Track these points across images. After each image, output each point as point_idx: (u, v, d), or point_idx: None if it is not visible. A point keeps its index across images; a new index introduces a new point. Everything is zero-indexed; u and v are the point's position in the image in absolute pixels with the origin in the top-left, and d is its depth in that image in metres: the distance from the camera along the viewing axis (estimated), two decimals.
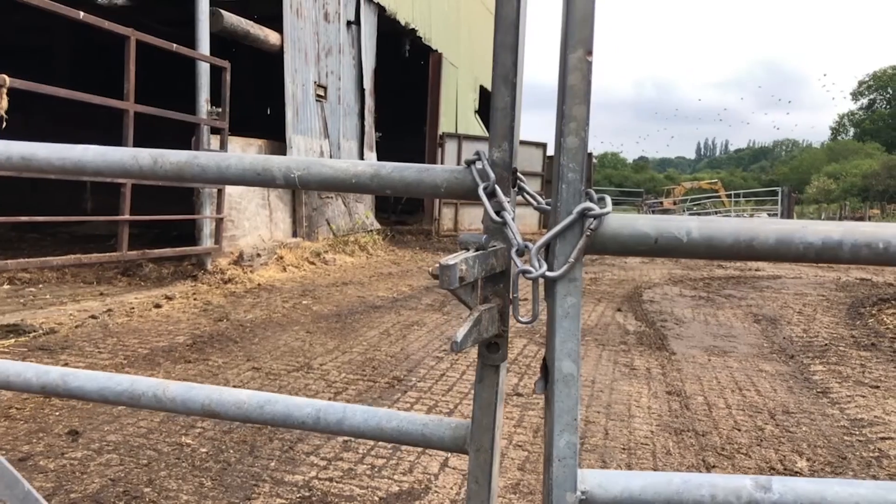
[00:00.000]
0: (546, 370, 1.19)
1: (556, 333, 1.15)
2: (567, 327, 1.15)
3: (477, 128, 24.57)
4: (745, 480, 1.13)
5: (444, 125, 20.40)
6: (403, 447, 3.83)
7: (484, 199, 1.23)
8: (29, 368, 1.57)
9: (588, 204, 1.12)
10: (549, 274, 1.13)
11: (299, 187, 1.39)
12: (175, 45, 8.57)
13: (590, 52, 1.08)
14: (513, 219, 1.21)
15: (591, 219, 1.11)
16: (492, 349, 1.28)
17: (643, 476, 1.16)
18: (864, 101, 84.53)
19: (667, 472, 1.16)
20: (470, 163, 1.28)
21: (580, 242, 1.12)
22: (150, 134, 9.99)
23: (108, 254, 7.93)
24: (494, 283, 1.28)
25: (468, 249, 1.18)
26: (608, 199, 1.13)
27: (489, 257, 1.20)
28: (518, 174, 1.30)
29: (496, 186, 1.23)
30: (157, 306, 7.49)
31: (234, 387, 4.81)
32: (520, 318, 1.21)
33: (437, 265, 1.08)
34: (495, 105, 1.25)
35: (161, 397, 1.50)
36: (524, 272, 1.12)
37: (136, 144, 7.85)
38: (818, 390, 5.32)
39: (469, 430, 1.33)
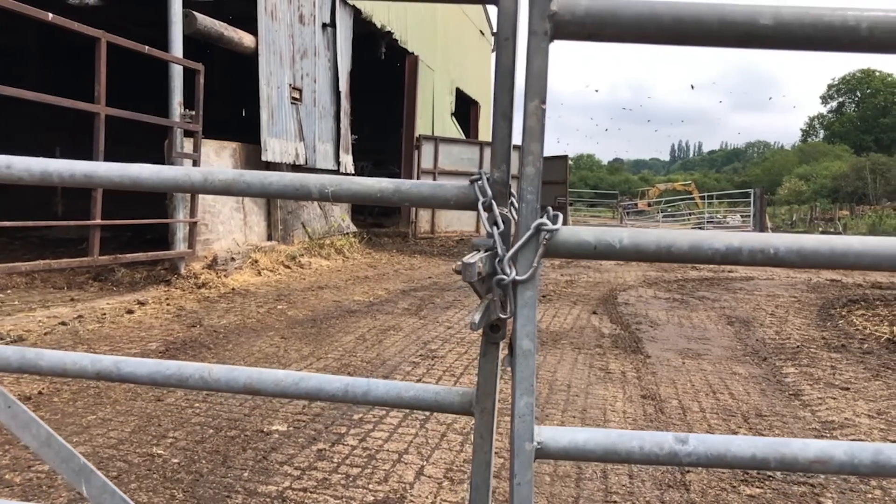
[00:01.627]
0: (512, 348, 1.45)
1: (518, 319, 1.40)
2: (526, 314, 1.40)
3: (454, 130, 24.58)
4: (667, 436, 1.40)
5: (421, 127, 20.38)
6: (378, 456, 3.80)
7: (482, 213, 1.46)
8: (84, 357, 1.72)
9: (542, 220, 1.37)
10: (518, 278, 1.38)
11: (332, 200, 1.58)
12: (147, 47, 8.47)
13: (543, 102, 1.34)
14: (503, 229, 1.42)
15: (546, 233, 1.37)
16: (494, 330, 1.49)
17: (586, 431, 1.43)
18: (834, 104, 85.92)
19: (606, 429, 1.49)
20: (474, 181, 1.49)
21: (539, 251, 1.38)
22: (123, 137, 9.87)
23: (79, 258, 7.80)
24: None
25: (479, 251, 1.42)
26: (560, 217, 1.40)
27: (495, 257, 1.43)
28: (511, 191, 1.51)
29: (493, 202, 1.45)
30: (130, 312, 7.39)
31: (207, 395, 4.75)
32: (501, 314, 1.41)
33: (461, 262, 1.32)
34: (496, 135, 1.46)
35: (207, 378, 1.66)
36: (498, 281, 1.37)
37: (109, 147, 7.74)
38: (790, 392, 5.38)
39: (474, 395, 1.57)
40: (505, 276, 1.37)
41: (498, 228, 1.43)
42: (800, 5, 1.26)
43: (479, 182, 1.50)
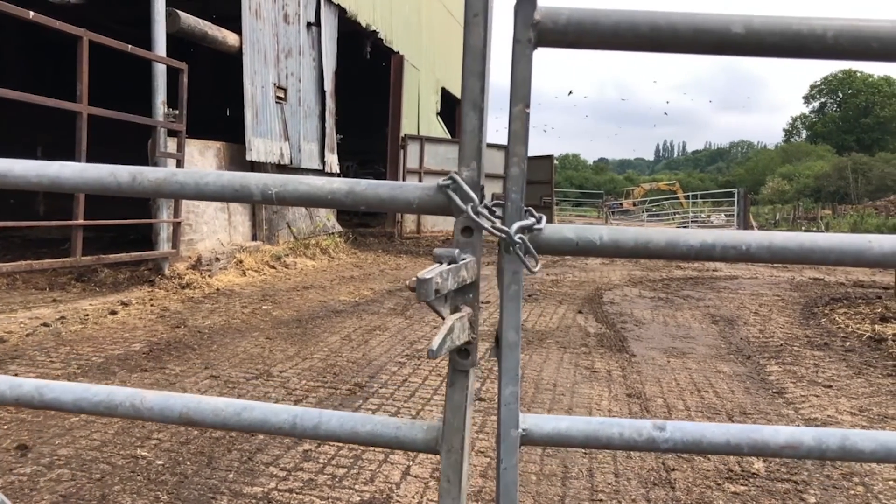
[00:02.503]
0: (498, 341, 1.45)
1: (504, 312, 1.41)
2: (511, 308, 1.41)
3: (439, 129, 24.58)
4: (646, 423, 1.45)
5: (407, 127, 20.36)
6: (364, 456, 3.79)
7: (486, 224, 1.37)
8: (2, 381, 1.59)
9: (531, 221, 1.37)
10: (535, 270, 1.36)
11: (276, 203, 1.46)
12: (130, 46, 8.40)
13: (527, 106, 1.35)
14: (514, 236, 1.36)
15: (527, 233, 1.37)
16: (462, 355, 1.41)
17: (569, 419, 1.46)
18: (816, 104, 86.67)
19: (587, 417, 1.49)
20: (444, 186, 1.38)
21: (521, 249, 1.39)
22: (106, 136, 9.79)
23: (61, 259, 7.73)
24: (464, 294, 1.41)
25: (442, 263, 1.30)
26: (543, 218, 1.39)
27: (461, 270, 1.32)
28: (485, 192, 1.43)
29: (477, 208, 1.37)
30: (113, 313, 7.33)
31: None
32: (471, 334, 1.39)
33: (415, 278, 1.19)
34: (465, 128, 1.38)
35: (139, 407, 1.53)
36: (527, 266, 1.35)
37: (91, 147, 7.67)
38: (774, 390, 5.42)
39: (440, 431, 1.45)
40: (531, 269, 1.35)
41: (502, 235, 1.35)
42: (769, 14, 1.29)
43: (452, 185, 1.39)
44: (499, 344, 1.45)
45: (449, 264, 1.30)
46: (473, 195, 1.37)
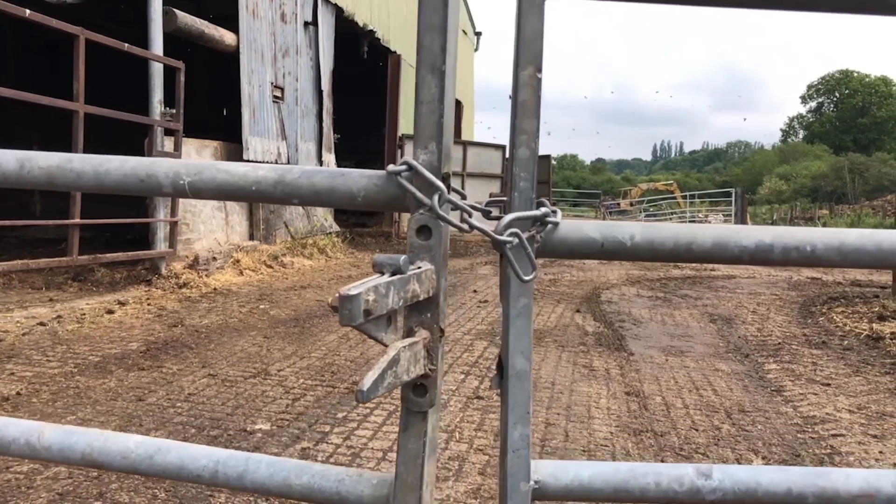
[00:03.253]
0: (501, 367, 1.20)
1: (510, 332, 1.18)
2: (519, 326, 1.18)
3: None
4: (687, 469, 1.20)
5: (404, 126, 20.35)
6: (363, 454, 3.78)
7: (454, 220, 1.12)
8: None
9: (546, 210, 1.13)
10: (525, 278, 1.13)
11: (190, 195, 1.22)
12: (127, 44, 8.38)
13: (539, 70, 1.12)
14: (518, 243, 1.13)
15: (541, 226, 1.13)
16: (418, 392, 1.13)
17: (592, 465, 1.21)
18: (813, 104, 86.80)
19: (615, 462, 1.26)
20: (396, 173, 1.12)
21: (532, 250, 1.14)
22: (102, 136, 9.76)
23: (57, 258, 7.71)
24: (420, 313, 1.13)
25: (383, 273, 1.03)
26: (559, 211, 1.16)
27: (409, 282, 1.05)
28: (451, 182, 1.17)
29: (435, 199, 1.10)
30: (110, 312, 7.31)
31: (190, 395, 4.71)
32: (429, 366, 1.14)
33: (337, 294, 0.92)
34: (420, 98, 1.12)
35: (35, 445, 1.31)
36: (506, 243, 1.09)
37: (87, 146, 7.64)
38: (772, 389, 5.42)
39: (392, 487, 1.18)
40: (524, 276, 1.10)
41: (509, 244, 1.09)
42: None
43: (407, 171, 1.12)
44: (502, 373, 1.19)
45: (392, 275, 1.02)
46: (438, 182, 1.10)
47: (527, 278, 1.11)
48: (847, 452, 4.09)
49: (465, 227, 1.13)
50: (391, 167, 1.13)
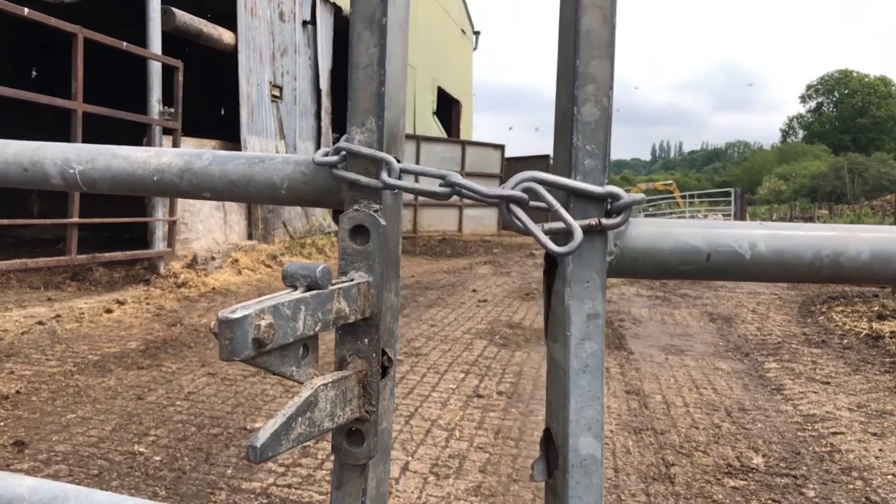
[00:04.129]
0: (549, 447, 0.84)
1: (571, 396, 0.79)
2: (586, 387, 0.79)
3: (435, 129, 24.58)
4: None
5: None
6: None
7: (414, 186, 0.83)
8: None
9: (612, 188, 0.77)
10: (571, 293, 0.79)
11: (83, 188, 1.02)
12: (125, 43, 8.37)
13: None
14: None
15: (615, 215, 0.78)
16: (353, 440, 0.87)
17: None
18: (812, 104, 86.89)
19: None
20: (325, 164, 0.88)
21: (604, 265, 0.79)
22: (101, 135, 9.74)
23: (56, 258, 7.70)
24: (355, 339, 0.87)
25: (295, 287, 0.77)
26: (642, 200, 0.83)
27: (331, 300, 0.79)
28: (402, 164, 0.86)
29: (385, 173, 0.84)
30: (108, 311, 7.29)
31: (189, 393, 4.70)
32: (365, 408, 0.86)
33: (216, 319, 0.67)
34: (355, 61, 0.87)
35: None
36: (511, 199, 0.75)
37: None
38: (772, 387, 5.41)
39: None
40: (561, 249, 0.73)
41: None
42: None
43: (336, 157, 0.87)
44: (553, 458, 0.83)
45: (306, 290, 0.77)
46: (381, 155, 0.84)
47: (560, 250, 0.72)
48: (847, 450, 4.09)
49: (442, 189, 0.82)
50: (318, 156, 0.88)
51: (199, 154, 0.99)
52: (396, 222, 0.92)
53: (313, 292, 0.77)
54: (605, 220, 0.76)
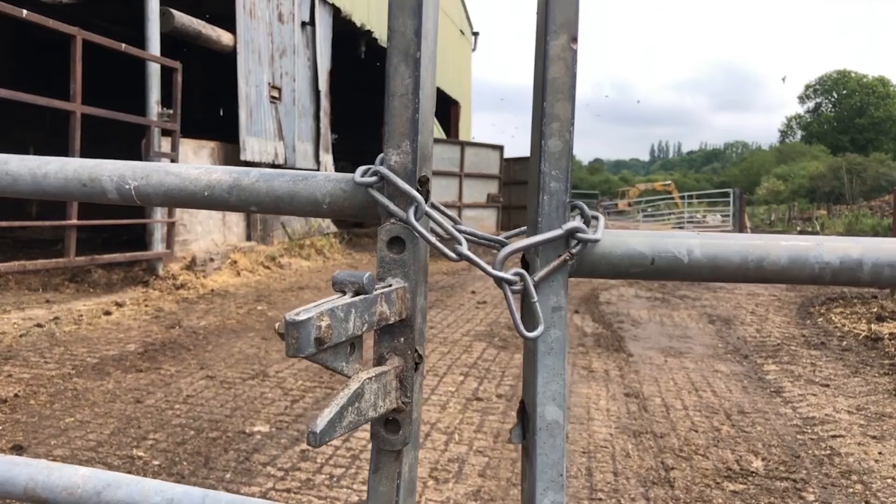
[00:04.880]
0: (524, 415, 1.00)
1: (539, 373, 0.95)
2: (551, 365, 0.95)
3: (434, 130, 24.57)
4: None
5: None
6: (362, 456, 3.77)
7: (423, 233, 0.94)
8: None
9: (577, 224, 0.93)
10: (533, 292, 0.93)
11: (137, 202, 1.11)
12: (124, 44, 8.36)
13: (574, 39, 0.93)
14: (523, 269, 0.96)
15: (576, 245, 0.93)
16: (390, 429, 0.98)
17: None
18: (811, 104, 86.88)
19: None
20: (364, 185, 0.98)
21: (566, 271, 0.95)
22: (99, 136, 9.75)
23: (54, 259, 7.68)
24: (392, 338, 0.99)
25: (344, 293, 0.88)
26: (602, 220, 0.97)
27: (375, 304, 0.90)
28: (430, 188, 1.01)
29: (411, 212, 0.94)
30: (107, 313, 7.28)
31: (188, 396, 4.69)
32: (401, 400, 0.98)
33: (283, 319, 0.78)
34: (392, 90, 0.98)
35: None
36: (506, 281, 0.91)
37: (84, 147, 7.62)
38: (771, 390, 5.41)
39: None
40: (513, 279, 0.92)
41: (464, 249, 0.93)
42: None
43: (373, 178, 0.97)
44: (526, 425, 1.00)
45: (355, 295, 0.87)
46: (412, 192, 0.95)
47: (530, 335, 0.90)
48: (846, 453, 4.09)
49: (452, 254, 0.94)
50: (358, 177, 0.98)
51: (246, 171, 1.08)
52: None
53: (361, 297, 0.87)
54: (573, 251, 0.94)
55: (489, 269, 0.91)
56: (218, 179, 1.07)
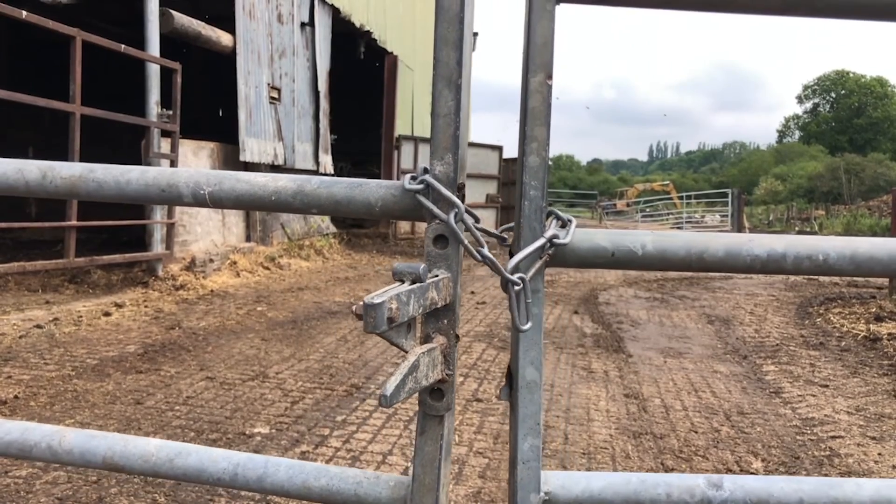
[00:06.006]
0: (510, 377, 1.20)
1: (520, 342, 1.17)
2: (530, 336, 1.17)
3: None
4: (698, 479, 1.21)
5: (401, 127, 20.34)
6: (363, 458, 3.77)
7: (460, 235, 1.14)
8: None
9: (554, 231, 1.14)
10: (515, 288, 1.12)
11: (210, 205, 1.25)
12: (123, 45, 8.35)
13: (550, 76, 1.12)
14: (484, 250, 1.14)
15: (551, 247, 1.14)
16: (435, 396, 1.16)
17: (603, 476, 1.22)
18: (809, 104, 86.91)
19: (625, 473, 1.24)
20: (413, 191, 1.16)
21: (540, 262, 1.16)
22: (98, 138, 9.74)
23: (53, 261, 7.68)
24: (437, 320, 1.17)
25: (403, 281, 1.06)
26: (573, 224, 1.18)
27: (428, 290, 1.08)
28: (465, 192, 1.21)
29: (452, 216, 1.14)
30: (107, 314, 7.28)
31: (188, 398, 4.69)
32: (446, 371, 1.15)
33: (362, 302, 0.96)
34: (437, 111, 1.16)
35: (56, 448, 1.34)
36: (513, 283, 1.10)
37: (83, 148, 7.62)
38: (771, 390, 5.42)
39: (409, 489, 1.21)
40: (519, 283, 1.10)
41: (485, 250, 1.13)
42: None
43: (425, 188, 1.15)
44: (512, 384, 1.20)
45: (412, 283, 1.05)
46: (454, 198, 1.13)
47: (524, 328, 1.11)
48: (846, 454, 4.09)
49: (477, 255, 1.13)
50: (407, 184, 1.15)
51: (308, 179, 1.25)
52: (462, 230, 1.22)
53: (418, 285, 1.06)
54: (549, 253, 1.16)
55: (504, 272, 1.09)
56: (284, 186, 1.23)
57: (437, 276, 1.13)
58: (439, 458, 1.19)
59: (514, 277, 1.09)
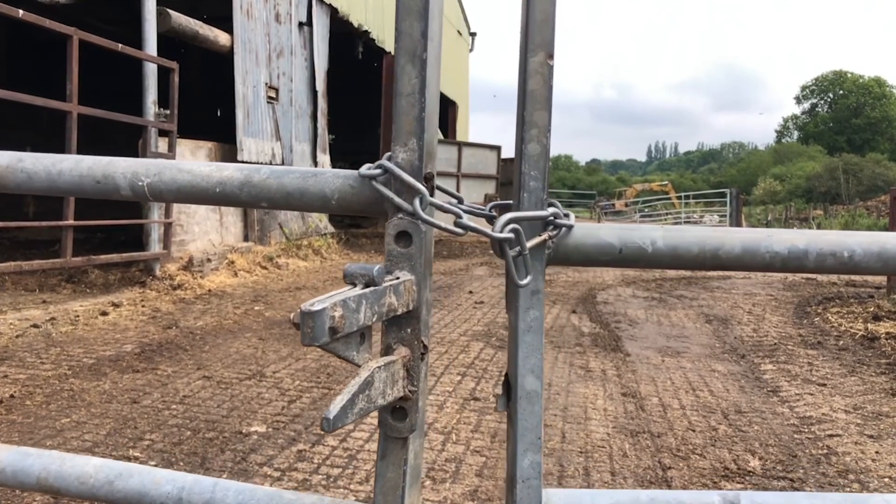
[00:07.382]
0: (508, 386, 1.11)
1: (519, 348, 1.07)
2: (530, 342, 1.07)
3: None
4: (713, 496, 1.11)
5: None
6: (359, 456, 3.76)
7: (427, 217, 1.01)
8: None
9: (557, 210, 1.06)
10: (520, 282, 1.02)
11: (150, 198, 1.13)
12: (120, 45, 8.34)
13: (551, 56, 1.02)
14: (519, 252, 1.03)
15: (554, 229, 1.05)
16: (397, 416, 1.02)
17: (609, 494, 1.12)
18: (807, 104, 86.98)
19: (633, 490, 1.14)
20: (369, 177, 1.03)
21: (545, 257, 1.07)
22: (96, 137, 9.73)
23: (50, 260, 7.66)
24: (399, 329, 1.03)
25: (355, 285, 0.92)
26: (572, 215, 1.09)
27: (385, 295, 0.94)
28: (436, 182, 1.08)
29: (417, 201, 1.01)
30: (104, 314, 7.27)
31: (185, 397, 4.68)
32: (409, 387, 1.02)
33: (299, 309, 0.82)
34: (399, 90, 1.02)
35: None
36: (505, 241, 1.00)
37: (80, 148, 7.60)
38: (769, 389, 5.42)
39: None
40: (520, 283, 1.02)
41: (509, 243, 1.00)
42: None
43: (382, 174, 1.02)
44: (510, 393, 1.10)
45: (365, 287, 0.92)
46: (417, 184, 1.00)
47: (522, 282, 1.01)
48: (843, 452, 4.09)
49: (458, 230, 1.02)
50: (363, 170, 1.03)
51: (257, 169, 1.12)
52: (430, 229, 1.07)
53: (371, 288, 0.92)
54: (550, 233, 1.05)
55: (490, 232, 0.99)
56: (229, 176, 1.11)
57: (397, 278, 1.00)
58: (402, 486, 1.05)
59: (504, 234, 0.98)
